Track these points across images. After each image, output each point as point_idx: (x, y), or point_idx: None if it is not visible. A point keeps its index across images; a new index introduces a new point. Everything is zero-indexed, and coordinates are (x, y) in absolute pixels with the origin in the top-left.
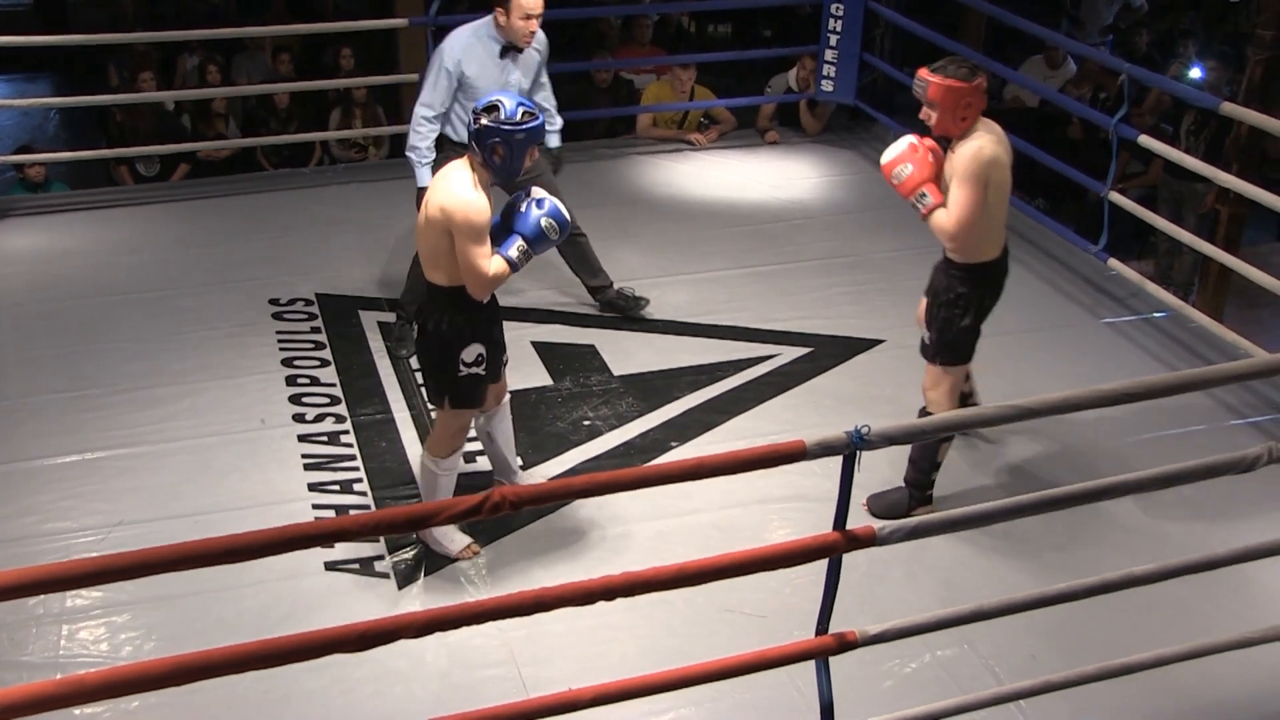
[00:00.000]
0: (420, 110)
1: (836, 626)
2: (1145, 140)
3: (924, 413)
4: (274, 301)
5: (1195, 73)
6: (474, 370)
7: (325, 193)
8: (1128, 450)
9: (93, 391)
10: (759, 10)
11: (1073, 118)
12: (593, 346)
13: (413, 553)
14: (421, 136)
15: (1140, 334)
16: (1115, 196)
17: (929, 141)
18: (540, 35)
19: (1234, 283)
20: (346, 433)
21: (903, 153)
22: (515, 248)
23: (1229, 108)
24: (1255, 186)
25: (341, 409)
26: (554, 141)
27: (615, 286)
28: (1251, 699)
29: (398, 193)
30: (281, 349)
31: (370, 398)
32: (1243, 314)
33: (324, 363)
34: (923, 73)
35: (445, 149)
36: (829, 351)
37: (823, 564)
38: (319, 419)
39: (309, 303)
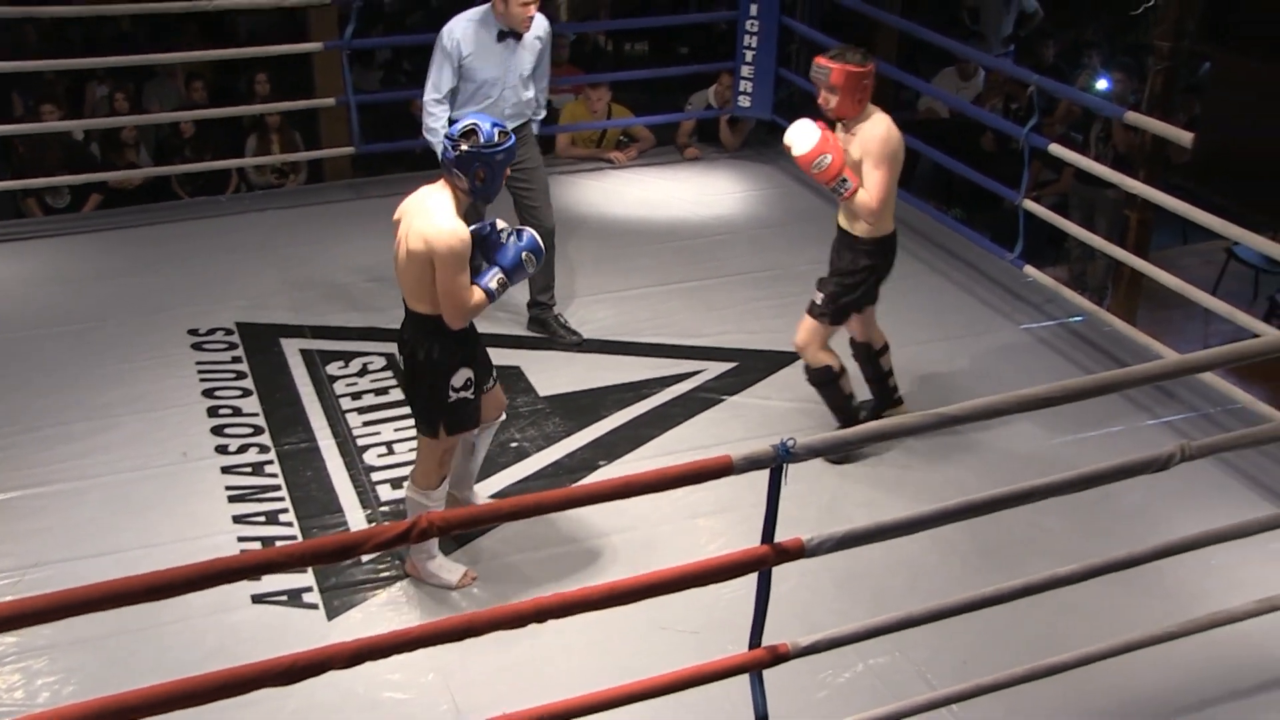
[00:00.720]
0: (428, 94)
1: (769, 639)
2: (1055, 149)
3: (808, 369)
4: (193, 332)
5: (1102, 83)
6: (463, 394)
7: (243, 220)
8: (1049, 453)
9: (4, 429)
10: (675, 28)
11: (986, 128)
12: (518, 368)
13: (342, 581)
14: (435, 118)
15: (1057, 338)
16: (1029, 204)
17: (827, 130)
18: (542, 21)
19: (1145, 286)
20: (271, 463)
21: (819, 143)
22: (495, 279)
23: (1132, 117)
24: (1161, 192)
25: (265, 439)
26: (534, 129)
27: (556, 310)
28: (1172, 691)
29: (317, 218)
30: (202, 380)
31: (294, 426)
32: (1154, 316)
33: (246, 392)
34: (821, 60)
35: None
36: (754, 365)
37: (754, 576)
38: (242, 449)
39: (229, 332)
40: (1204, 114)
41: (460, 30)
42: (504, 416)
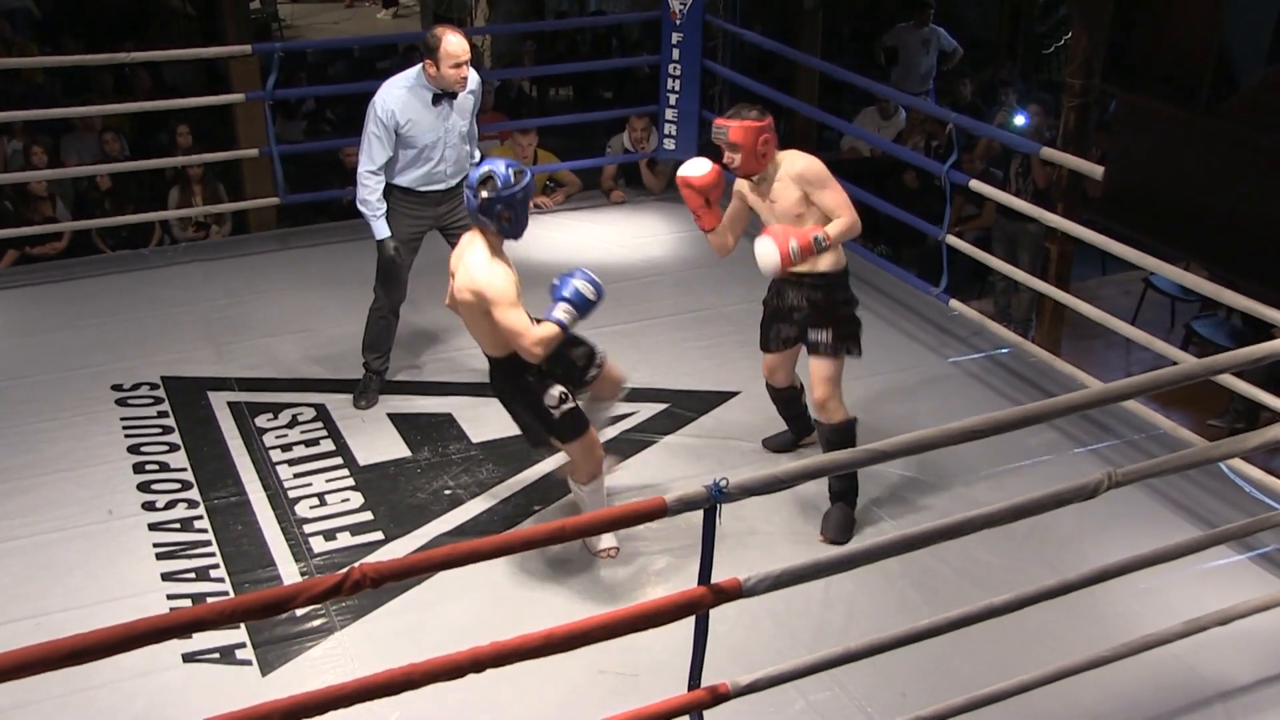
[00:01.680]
0: (362, 167)
1: (709, 679)
2: (976, 185)
3: (829, 424)
4: (117, 387)
5: (1020, 119)
6: (564, 406)
7: (167, 273)
8: (980, 484)
9: None
10: (598, 73)
11: (908, 166)
12: (449, 415)
13: (276, 635)
14: (369, 190)
15: (984, 371)
16: (952, 240)
17: (773, 226)
18: (474, 76)
19: (1068, 317)
20: (200, 518)
21: (778, 244)
22: (561, 310)
23: (1048, 152)
24: (1080, 225)
25: (194, 494)
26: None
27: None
28: (1109, 714)
29: (242, 270)
30: (127, 436)
31: (223, 480)
32: (1078, 346)
33: (173, 447)
34: (719, 121)
35: (391, 196)
36: (686, 406)
37: (692, 618)
38: (170, 505)
39: (154, 387)
40: (1111, 151)
41: (393, 99)
42: (626, 389)
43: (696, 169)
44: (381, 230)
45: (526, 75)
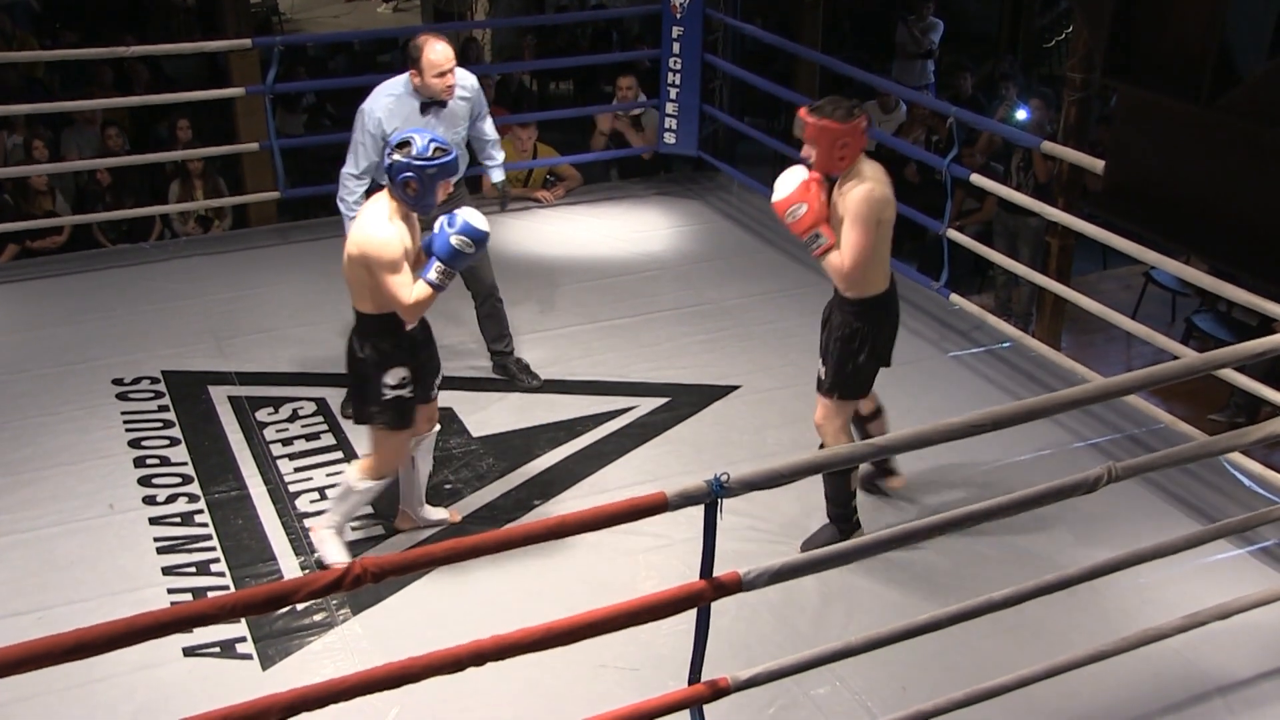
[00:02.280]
0: (345, 170)
1: (709, 673)
2: (977, 179)
3: (821, 448)
4: (117, 381)
5: (1021, 114)
6: (399, 393)
7: (167, 267)
8: (980, 478)
9: None
10: (599, 67)
11: (909, 160)
12: (450, 409)
13: (276, 630)
14: (349, 191)
15: (985, 365)
16: (953, 234)
17: (817, 176)
18: (469, 80)
19: (1068, 311)
20: (201, 512)
21: (796, 191)
22: (434, 270)
23: (1048, 146)
24: (1080, 219)
25: (194, 488)
26: (497, 175)
27: (515, 354)
28: (1108, 708)
29: (243, 264)
30: (128, 430)
31: (224, 474)
32: (1078, 340)
33: (173, 441)
34: (802, 113)
35: None
36: (686, 400)
37: (693, 612)
38: (171, 500)
39: (155, 381)
40: (1111, 145)
41: (381, 107)
42: (438, 428)
43: (781, 188)
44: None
45: (527, 69)
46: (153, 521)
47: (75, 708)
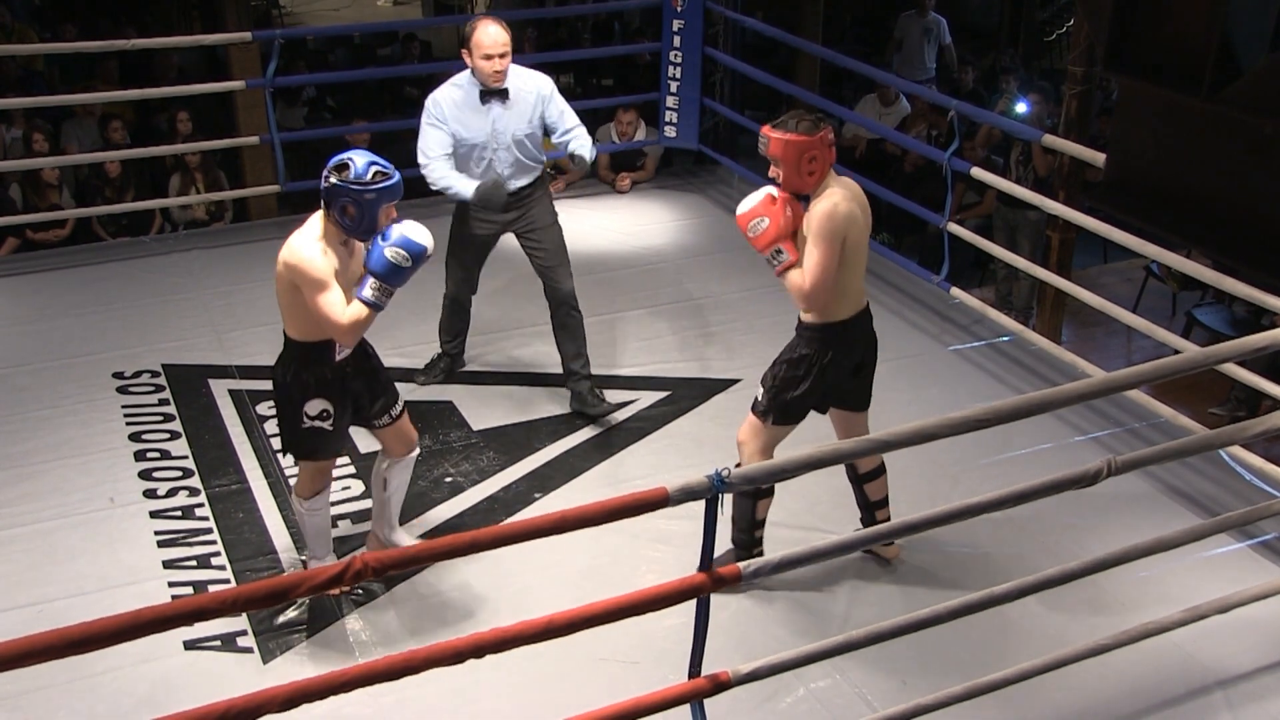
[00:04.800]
0: (420, 159)
1: (709, 667)
2: (977, 172)
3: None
4: (118, 375)
5: (1022, 107)
6: (317, 424)
7: (168, 261)
8: (980, 471)
9: None
10: (599, 61)
11: (908, 153)
12: (450, 403)
13: (278, 621)
14: (431, 171)
15: (985, 359)
16: (953, 227)
17: (785, 195)
18: (537, 79)
19: (1069, 305)
20: (201, 506)
21: (758, 205)
22: (369, 287)
23: (1049, 139)
24: (1080, 213)
25: (195, 481)
26: (586, 151)
27: (590, 382)
28: (1109, 702)
29: (243, 257)
30: (128, 423)
31: (224, 468)
32: (1079, 334)
33: (174, 435)
34: (764, 129)
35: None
36: (687, 394)
37: (692, 606)
38: (171, 493)
39: (155, 374)
40: (1112, 138)
41: (442, 94)
42: (415, 452)
43: (744, 204)
44: (465, 189)
45: (527, 63)
46: (153, 515)
47: (77, 701)
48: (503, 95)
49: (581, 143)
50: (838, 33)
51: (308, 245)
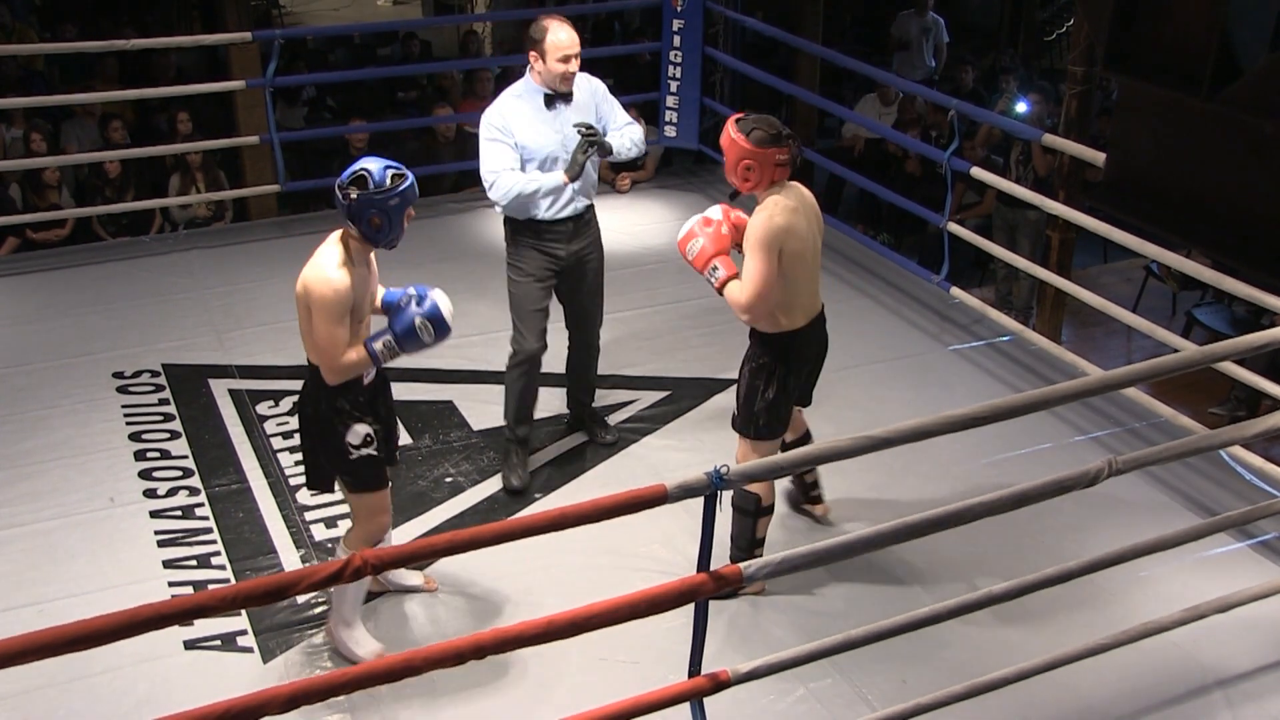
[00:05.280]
0: (486, 178)
1: (709, 666)
2: (977, 172)
3: (743, 496)
4: (118, 375)
5: (1022, 106)
6: (365, 451)
7: (167, 261)
8: (981, 472)
9: None
10: (599, 59)
11: (909, 154)
12: (450, 402)
13: (277, 622)
14: (504, 181)
15: (985, 358)
16: (953, 227)
17: (733, 213)
18: (587, 77)
19: (1069, 304)
20: (201, 505)
21: (694, 227)
22: (381, 341)
23: (1049, 139)
24: (1080, 213)
25: (195, 481)
26: (615, 141)
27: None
28: (1109, 702)
29: (243, 257)
30: (128, 423)
31: (224, 468)
32: (1079, 333)
33: (174, 434)
34: (730, 120)
35: (519, 234)
36: (687, 393)
37: (692, 605)
38: (171, 493)
39: (155, 374)
40: (1112, 138)
41: (505, 108)
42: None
43: (681, 232)
44: (552, 178)
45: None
46: (153, 515)
47: (77, 700)
48: (567, 98)
49: (632, 130)
50: (838, 32)
51: (334, 271)
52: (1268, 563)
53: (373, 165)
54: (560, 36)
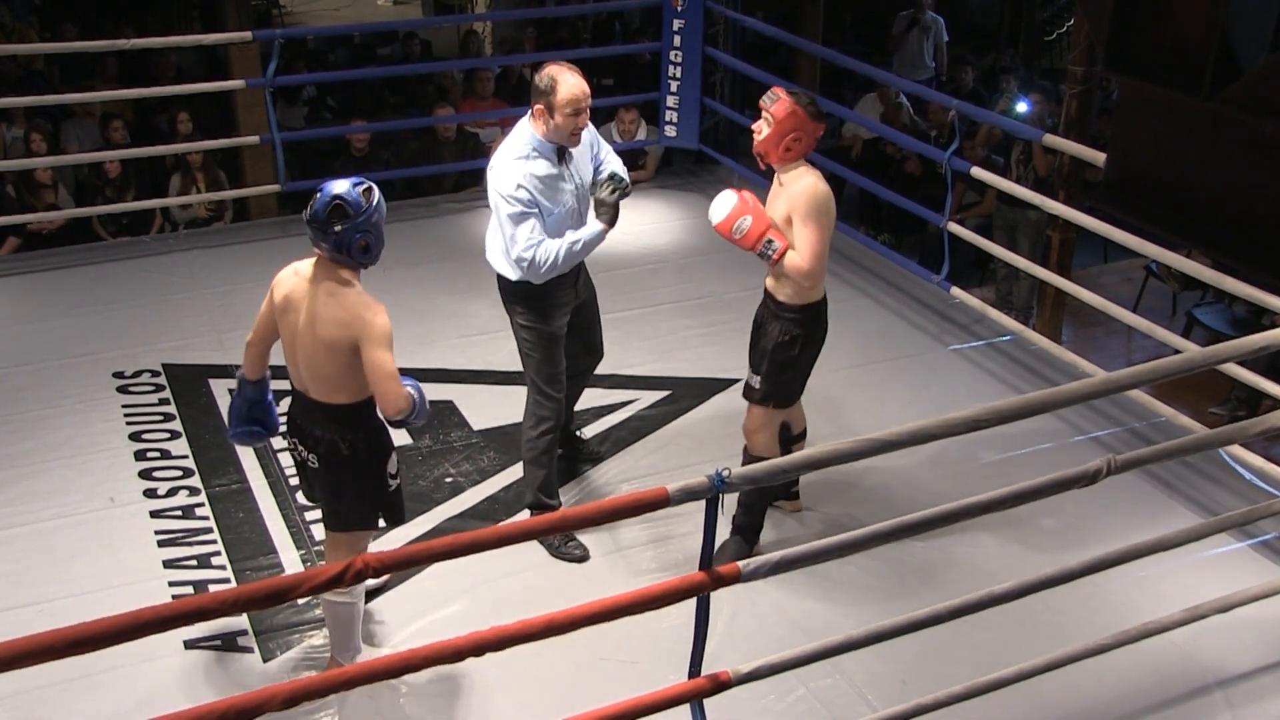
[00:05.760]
0: (522, 254)
1: (710, 667)
2: (977, 172)
3: (748, 456)
4: (118, 375)
5: (1022, 106)
6: (398, 480)
7: (167, 260)
8: (980, 471)
9: None
10: (599, 60)
11: (908, 153)
12: (451, 402)
13: (278, 623)
14: (545, 249)
15: (985, 359)
16: (954, 227)
17: (749, 193)
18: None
19: (1069, 304)
20: (202, 505)
21: (735, 207)
22: (412, 387)
23: (1050, 139)
24: (1081, 212)
25: (195, 481)
26: (621, 168)
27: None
28: (1109, 702)
29: (243, 257)
30: (128, 423)
31: (225, 468)
32: (1079, 333)
33: (174, 434)
34: (778, 89)
35: (538, 289)
36: (687, 393)
37: (693, 606)
38: (172, 493)
39: (155, 374)
40: (1112, 137)
41: (523, 178)
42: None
43: (718, 211)
44: (592, 229)
45: (527, 61)
46: (153, 515)
47: (78, 700)
48: (569, 150)
49: (616, 162)
50: (838, 32)
51: (373, 307)
52: (1268, 563)
53: (340, 188)
54: (574, 89)
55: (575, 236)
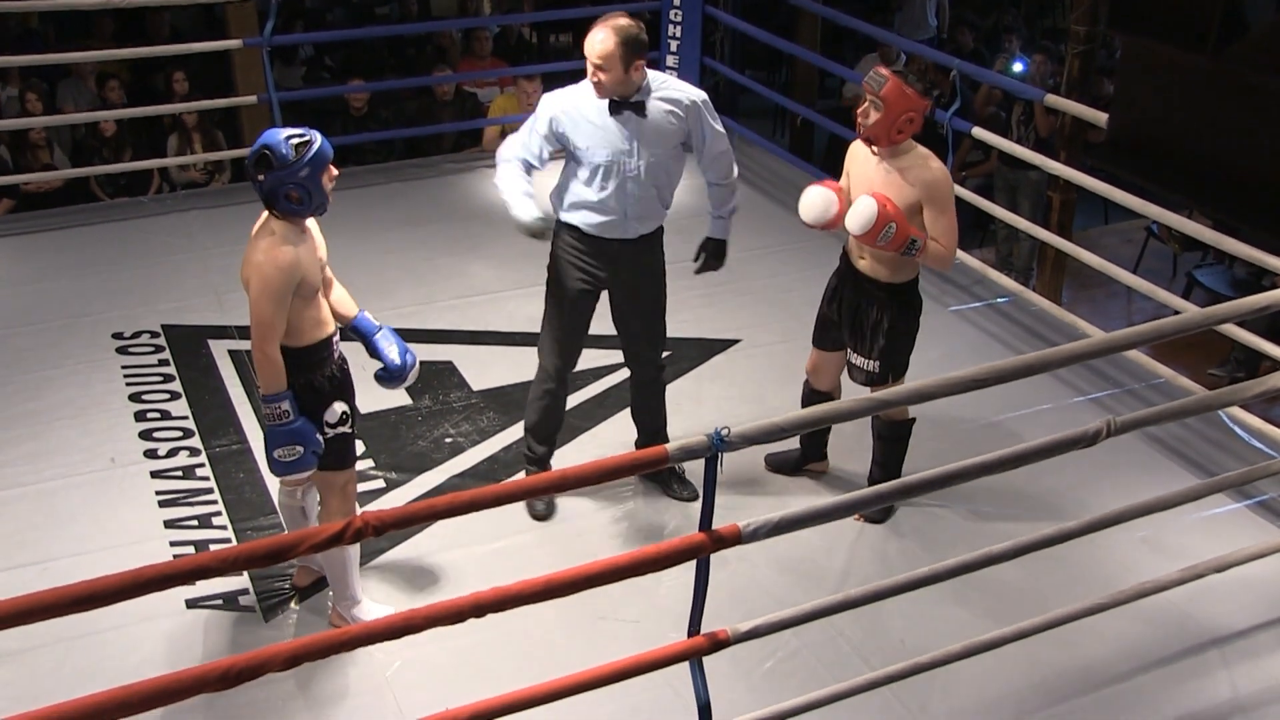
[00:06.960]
0: (502, 149)
1: (708, 625)
2: (978, 132)
3: (893, 426)
4: (117, 336)
5: (1018, 66)
6: (340, 430)
7: (166, 221)
8: (979, 432)
9: None
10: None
11: None
12: (450, 363)
13: (279, 583)
14: (499, 176)
15: (985, 320)
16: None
17: (879, 194)
18: (683, 93)
19: (1069, 266)
20: (202, 465)
21: (876, 217)
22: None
23: (1052, 99)
24: (1082, 173)
25: (195, 441)
26: (718, 231)
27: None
28: (1106, 661)
29: (242, 217)
30: (128, 384)
31: (225, 428)
32: (1079, 294)
33: (174, 395)
34: (882, 68)
35: (558, 237)
36: (686, 354)
37: (692, 565)
38: (172, 453)
39: (155, 335)
40: (1115, 97)
41: (555, 102)
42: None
43: (815, 211)
44: (514, 207)
45: (526, 21)
46: (154, 475)
47: (80, 657)
48: (638, 108)
49: (719, 224)
50: None
51: (271, 253)
52: (1265, 523)
53: (273, 140)
54: (587, 41)
55: (509, 188)
